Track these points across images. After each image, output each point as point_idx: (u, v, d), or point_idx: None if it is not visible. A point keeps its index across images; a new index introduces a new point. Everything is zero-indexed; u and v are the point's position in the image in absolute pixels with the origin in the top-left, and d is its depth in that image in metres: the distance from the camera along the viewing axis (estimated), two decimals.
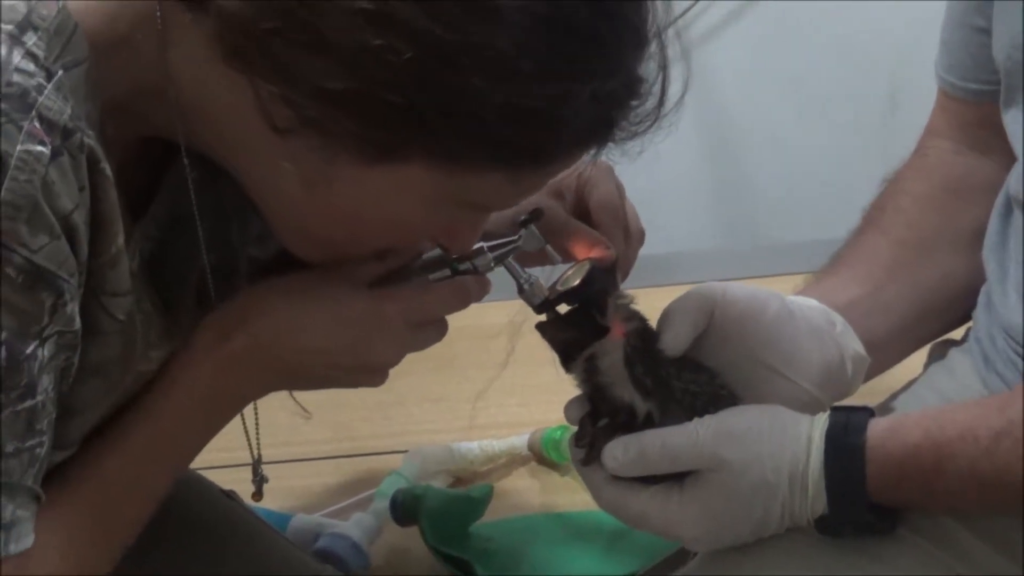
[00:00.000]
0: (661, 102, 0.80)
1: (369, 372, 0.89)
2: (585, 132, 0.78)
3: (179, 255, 0.87)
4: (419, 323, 0.88)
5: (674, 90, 0.81)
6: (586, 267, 0.90)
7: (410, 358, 0.90)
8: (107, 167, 0.75)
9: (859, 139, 2.13)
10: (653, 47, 0.78)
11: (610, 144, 0.80)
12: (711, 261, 1.94)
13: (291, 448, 1.45)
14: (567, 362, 0.89)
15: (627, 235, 0.98)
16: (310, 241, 0.84)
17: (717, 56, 2.11)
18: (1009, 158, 0.99)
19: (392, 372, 0.90)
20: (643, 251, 1.00)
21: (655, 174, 2.03)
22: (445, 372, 1.56)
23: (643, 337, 0.88)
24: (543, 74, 0.73)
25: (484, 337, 1.45)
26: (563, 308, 0.91)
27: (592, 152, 0.81)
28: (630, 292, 0.90)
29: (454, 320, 0.90)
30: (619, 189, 0.97)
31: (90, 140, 0.74)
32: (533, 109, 0.73)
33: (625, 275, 0.95)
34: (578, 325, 0.89)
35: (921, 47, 1.11)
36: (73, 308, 0.74)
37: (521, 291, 0.91)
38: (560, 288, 0.90)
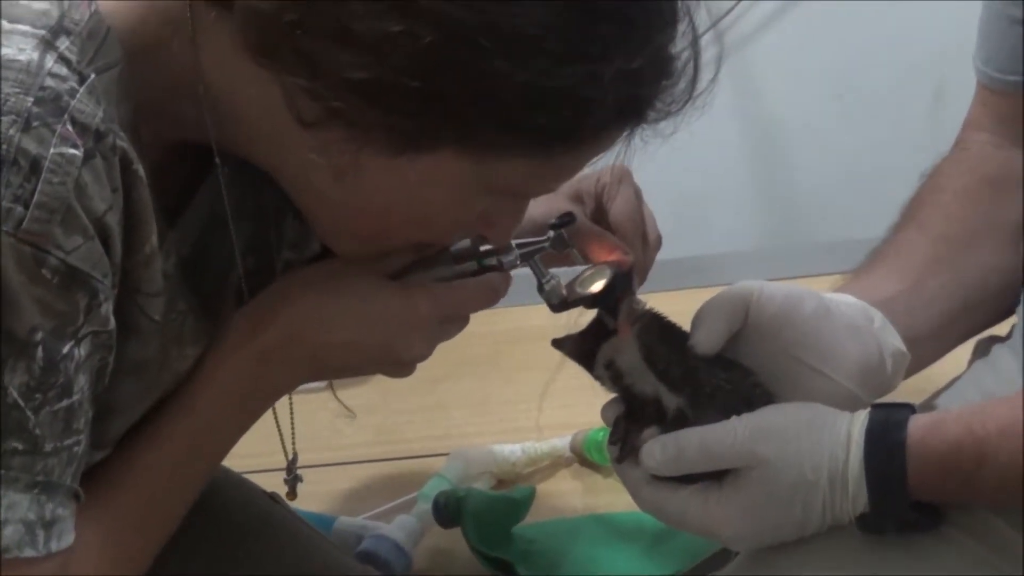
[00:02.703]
0: (694, 81, 0.79)
1: (399, 365, 0.89)
2: (615, 112, 0.77)
3: (218, 257, 0.88)
4: (449, 319, 0.88)
5: (710, 73, 0.79)
6: (607, 272, 0.90)
7: (453, 361, 0.91)
8: (140, 168, 0.76)
9: (903, 137, 2.10)
10: (684, 25, 0.77)
11: (645, 126, 0.79)
12: (754, 262, 1.92)
13: (334, 452, 1.46)
14: (591, 370, 0.90)
15: (645, 241, 0.98)
16: (346, 236, 0.85)
17: (760, 53, 2.09)
18: None
19: (434, 376, 0.91)
20: (685, 252, 1.00)
21: (698, 175, 2.03)
22: (487, 375, 1.56)
23: (656, 330, 0.89)
24: (567, 54, 0.72)
25: (526, 340, 1.45)
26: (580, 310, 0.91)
27: (627, 133, 0.79)
28: (643, 299, 0.90)
29: (497, 324, 0.91)
30: (637, 194, 0.98)
31: (122, 142, 0.74)
32: (558, 90, 0.72)
33: (642, 280, 0.96)
34: (592, 332, 0.90)
35: (967, 44, 1.10)
36: (107, 308, 0.75)
37: (541, 290, 0.92)
38: (578, 289, 0.91)
